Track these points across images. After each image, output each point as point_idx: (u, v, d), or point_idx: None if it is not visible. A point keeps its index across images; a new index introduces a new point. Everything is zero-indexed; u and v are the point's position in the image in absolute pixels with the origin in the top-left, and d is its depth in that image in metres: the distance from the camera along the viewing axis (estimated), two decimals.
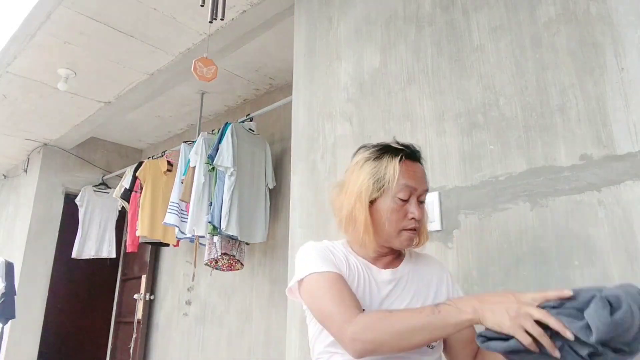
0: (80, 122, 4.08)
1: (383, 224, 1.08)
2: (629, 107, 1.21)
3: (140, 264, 4.52)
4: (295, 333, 1.82)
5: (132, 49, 3.00)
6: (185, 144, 3.48)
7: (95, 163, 4.82)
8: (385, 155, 1.11)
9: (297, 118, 2.11)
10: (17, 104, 3.75)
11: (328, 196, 1.05)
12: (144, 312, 4.24)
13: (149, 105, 4.05)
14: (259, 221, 3.13)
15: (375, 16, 1.90)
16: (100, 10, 2.63)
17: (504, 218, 1.36)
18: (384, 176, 1.08)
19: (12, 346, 4.07)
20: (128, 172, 4.01)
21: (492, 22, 1.53)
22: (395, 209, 1.07)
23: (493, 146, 1.44)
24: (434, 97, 1.62)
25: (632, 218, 1.15)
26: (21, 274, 4.19)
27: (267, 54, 3.29)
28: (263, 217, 3.16)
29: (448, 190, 1.51)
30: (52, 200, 4.52)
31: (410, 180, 1.08)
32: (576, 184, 1.25)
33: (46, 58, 3.09)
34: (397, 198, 1.07)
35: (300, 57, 2.18)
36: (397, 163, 1.08)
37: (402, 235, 1.09)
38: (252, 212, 3.10)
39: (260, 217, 3.14)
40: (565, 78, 1.34)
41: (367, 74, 1.85)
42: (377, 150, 1.13)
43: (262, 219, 3.15)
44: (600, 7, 1.31)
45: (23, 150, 4.72)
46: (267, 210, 3.20)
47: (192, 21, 2.72)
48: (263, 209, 3.17)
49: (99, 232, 4.46)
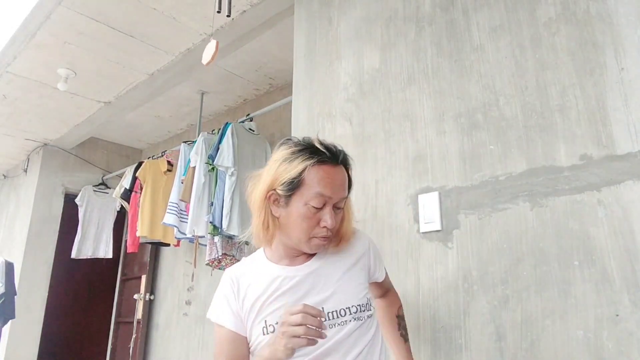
0: (80, 122, 4.08)
1: (292, 229, 1.04)
2: (629, 107, 1.21)
3: (140, 264, 4.52)
4: None
5: (132, 49, 3.00)
6: (185, 144, 3.48)
7: (95, 163, 4.82)
8: (299, 157, 1.03)
9: (297, 118, 2.11)
10: (17, 104, 3.75)
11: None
12: (144, 312, 4.24)
13: (149, 105, 4.05)
14: None
15: (375, 16, 1.90)
16: (100, 10, 2.63)
17: (504, 218, 1.36)
18: (294, 181, 1.01)
19: (12, 346, 4.07)
20: (128, 172, 4.01)
21: (492, 22, 1.53)
22: (307, 215, 1.02)
23: (493, 146, 1.44)
24: (434, 97, 1.62)
25: (632, 218, 1.15)
26: (21, 274, 4.19)
27: (267, 54, 3.29)
28: None
29: (448, 190, 1.51)
30: (52, 200, 4.52)
31: (325, 189, 1.01)
32: (576, 184, 1.25)
33: (46, 58, 3.09)
34: (309, 205, 1.02)
35: (300, 57, 2.18)
36: (310, 168, 1.02)
37: (312, 241, 1.05)
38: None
39: None
40: (565, 78, 1.34)
41: (367, 74, 1.85)
42: (294, 151, 1.05)
43: None
44: (600, 7, 1.31)
45: (23, 150, 4.72)
46: None
47: (192, 21, 2.72)
48: None
49: (97, 232, 4.46)
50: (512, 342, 1.28)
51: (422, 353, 1.44)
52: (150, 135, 4.80)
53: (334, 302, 1.06)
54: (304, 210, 1.02)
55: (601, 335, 1.14)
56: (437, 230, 1.50)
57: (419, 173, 1.59)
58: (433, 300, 1.45)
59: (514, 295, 1.30)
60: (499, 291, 1.33)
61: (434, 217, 1.51)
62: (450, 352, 1.38)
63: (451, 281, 1.43)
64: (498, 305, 1.32)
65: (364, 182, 1.74)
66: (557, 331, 1.21)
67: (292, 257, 1.11)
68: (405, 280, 1.53)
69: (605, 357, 1.13)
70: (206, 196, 3.08)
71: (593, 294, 1.17)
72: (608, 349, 1.13)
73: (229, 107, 4.11)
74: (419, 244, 1.53)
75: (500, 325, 1.31)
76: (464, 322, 1.37)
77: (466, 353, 1.35)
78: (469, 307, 1.38)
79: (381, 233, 1.64)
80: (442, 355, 1.40)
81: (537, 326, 1.24)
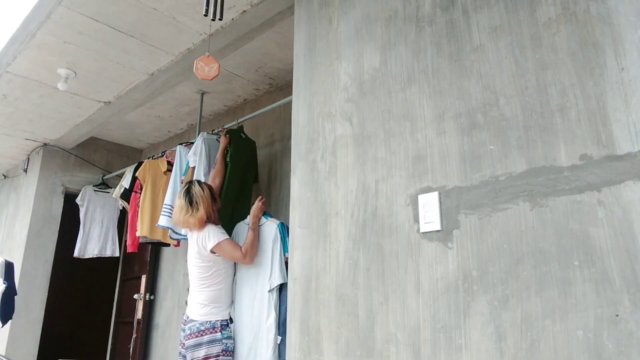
0: (80, 122, 4.08)
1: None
2: (629, 107, 1.21)
3: (140, 264, 4.52)
4: (295, 333, 1.82)
5: (132, 49, 3.00)
6: (181, 145, 3.48)
7: (95, 163, 4.82)
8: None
9: (297, 118, 2.11)
10: (17, 104, 3.75)
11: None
12: (144, 312, 4.24)
13: (149, 105, 4.05)
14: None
15: (375, 16, 1.90)
16: (100, 10, 2.63)
17: (504, 218, 1.36)
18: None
19: (12, 346, 4.07)
20: (128, 172, 4.01)
21: (492, 22, 1.53)
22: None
23: (493, 146, 1.44)
24: (434, 97, 1.62)
25: (632, 218, 1.15)
26: (21, 274, 4.19)
27: (267, 54, 3.29)
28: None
29: (448, 190, 1.51)
30: (52, 200, 4.52)
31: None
32: (576, 184, 1.25)
33: (46, 58, 3.10)
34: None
35: (300, 57, 2.18)
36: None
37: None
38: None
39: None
40: (565, 78, 1.34)
41: (367, 74, 1.85)
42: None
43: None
44: (600, 7, 1.31)
45: (23, 150, 4.72)
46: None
47: (192, 21, 2.72)
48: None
49: (102, 231, 4.46)
50: (512, 342, 1.28)
51: (422, 353, 1.44)
52: (150, 135, 4.80)
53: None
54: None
55: (601, 335, 1.14)
56: (437, 230, 1.50)
57: (419, 173, 1.59)
58: (433, 300, 1.46)
59: (514, 295, 1.30)
60: (499, 291, 1.33)
61: (434, 217, 1.51)
62: (450, 352, 1.38)
63: (451, 281, 1.43)
64: (498, 305, 1.32)
65: (364, 182, 1.74)
66: (557, 331, 1.21)
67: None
68: (405, 280, 1.53)
69: (605, 357, 1.13)
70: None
71: (593, 294, 1.17)
72: (608, 349, 1.13)
73: (229, 107, 4.11)
74: (419, 244, 1.53)
75: (500, 325, 1.31)
76: (464, 322, 1.38)
77: (466, 353, 1.35)
78: (469, 307, 1.38)
79: (381, 233, 1.64)
80: (442, 355, 1.40)
81: (537, 326, 1.24)
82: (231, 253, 2.57)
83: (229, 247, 2.57)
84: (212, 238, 2.55)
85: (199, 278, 2.60)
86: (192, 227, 2.62)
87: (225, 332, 2.53)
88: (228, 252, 2.57)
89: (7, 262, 3.41)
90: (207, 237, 2.56)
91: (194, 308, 2.58)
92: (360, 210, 1.72)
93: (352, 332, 1.63)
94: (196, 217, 2.58)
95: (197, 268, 2.61)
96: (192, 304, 2.61)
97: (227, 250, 2.56)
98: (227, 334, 2.53)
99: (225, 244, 2.56)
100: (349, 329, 1.64)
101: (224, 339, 2.51)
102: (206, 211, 2.60)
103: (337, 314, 1.69)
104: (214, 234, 2.57)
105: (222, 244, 2.55)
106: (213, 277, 2.59)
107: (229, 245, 2.57)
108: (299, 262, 1.89)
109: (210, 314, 2.54)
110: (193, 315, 2.57)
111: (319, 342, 1.72)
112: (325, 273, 1.77)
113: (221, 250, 2.56)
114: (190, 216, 2.59)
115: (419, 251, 1.53)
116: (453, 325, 1.40)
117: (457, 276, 1.42)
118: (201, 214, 2.58)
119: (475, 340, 1.34)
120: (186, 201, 2.61)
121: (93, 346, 4.67)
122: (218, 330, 2.51)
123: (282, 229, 2.61)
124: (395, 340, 1.51)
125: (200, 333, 2.50)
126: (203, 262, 2.59)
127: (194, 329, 2.52)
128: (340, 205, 1.80)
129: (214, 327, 2.52)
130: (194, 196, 2.61)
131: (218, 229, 2.63)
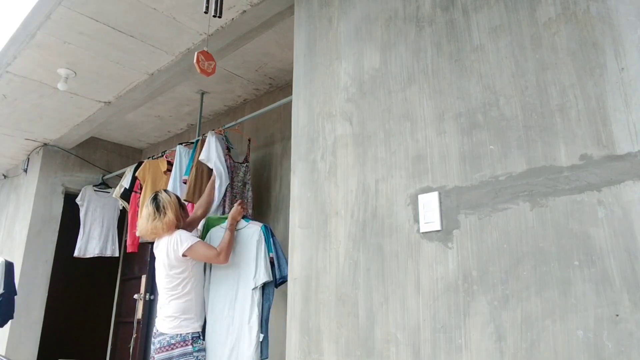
0: (80, 122, 4.08)
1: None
2: (629, 107, 1.21)
3: (140, 264, 4.52)
4: (295, 333, 1.82)
5: (132, 49, 3.00)
6: (181, 145, 3.48)
7: (95, 163, 4.83)
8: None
9: (297, 118, 2.11)
10: (17, 104, 3.75)
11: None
12: (144, 312, 4.24)
13: (149, 105, 4.05)
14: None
15: (375, 16, 1.90)
16: (100, 10, 2.63)
17: (504, 218, 1.36)
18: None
19: (12, 346, 4.07)
20: (128, 172, 4.01)
21: (492, 22, 1.53)
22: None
23: (493, 146, 1.44)
24: (434, 97, 1.62)
25: (632, 218, 1.15)
26: (21, 274, 4.19)
27: (267, 54, 3.29)
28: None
29: (448, 190, 1.51)
30: (52, 200, 4.52)
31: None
32: (576, 184, 1.25)
33: (46, 58, 3.10)
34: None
35: (300, 57, 2.18)
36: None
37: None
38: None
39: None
40: (565, 78, 1.34)
41: (367, 74, 1.85)
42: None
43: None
44: (600, 7, 1.31)
45: (23, 150, 4.72)
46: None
47: (192, 21, 2.72)
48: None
49: (102, 231, 4.47)
50: (512, 342, 1.28)
51: (422, 353, 1.44)
52: (150, 135, 4.80)
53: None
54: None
55: (601, 335, 1.14)
56: (437, 230, 1.50)
57: (419, 173, 1.59)
58: (433, 300, 1.46)
59: (514, 295, 1.30)
60: (499, 291, 1.33)
61: (434, 217, 1.51)
62: (450, 352, 1.38)
63: (451, 281, 1.43)
64: (498, 305, 1.32)
65: (364, 182, 1.74)
66: (557, 331, 1.21)
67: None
68: (405, 280, 1.53)
69: (605, 357, 1.13)
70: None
71: (593, 294, 1.17)
72: (608, 349, 1.13)
73: (229, 107, 4.11)
74: (419, 244, 1.53)
75: (500, 325, 1.31)
76: (464, 322, 1.38)
77: (466, 353, 1.35)
78: (469, 307, 1.38)
79: (381, 233, 1.64)
80: (442, 355, 1.40)
81: (537, 326, 1.24)
82: (205, 253, 2.53)
83: (202, 248, 2.53)
84: (184, 242, 2.50)
85: (168, 289, 2.52)
86: (161, 232, 2.56)
87: (196, 345, 2.45)
88: (202, 253, 2.53)
89: (7, 262, 3.42)
90: (178, 241, 2.50)
91: (164, 321, 2.50)
92: (360, 210, 1.72)
93: (352, 332, 1.63)
94: (164, 221, 2.54)
95: (165, 277, 2.53)
96: (162, 317, 2.53)
97: (201, 251, 2.52)
98: (199, 347, 2.46)
99: (198, 245, 2.52)
100: (349, 329, 1.64)
101: (194, 352, 2.44)
102: (175, 215, 2.57)
103: (337, 314, 1.69)
104: (185, 238, 2.52)
105: (195, 246, 2.50)
106: (181, 286, 2.51)
107: (201, 246, 2.54)
108: (299, 262, 1.89)
109: (180, 327, 2.46)
110: (163, 328, 2.49)
111: (319, 342, 1.72)
112: (325, 273, 1.77)
113: (194, 253, 2.51)
114: (158, 221, 2.54)
115: (419, 251, 1.53)
116: (453, 325, 1.40)
117: (457, 276, 1.42)
118: (169, 217, 2.55)
119: (475, 340, 1.34)
120: (153, 207, 2.58)
121: (93, 346, 4.67)
122: (189, 343, 2.44)
123: (266, 231, 2.68)
124: (395, 340, 1.51)
125: (171, 347, 2.42)
126: (172, 269, 2.51)
127: (164, 343, 2.44)
128: (340, 205, 1.80)
129: (184, 340, 2.44)
130: (161, 201, 2.59)
131: (189, 233, 2.59)
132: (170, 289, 2.51)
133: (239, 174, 3.21)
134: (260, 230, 2.69)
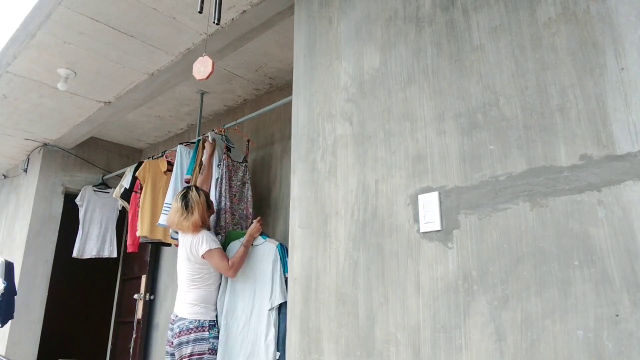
0: (80, 122, 4.08)
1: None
2: (629, 107, 1.21)
3: (140, 264, 4.52)
4: (295, 333, 1.82)
5: (132, 49, 3.00)
6: (182, 145, 3.48)
7: (95, 163, 4.83)
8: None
9: (297, 118, 2.11)
10: (17, 104, 3.75)
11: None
12: (144, 312, 4.24)
13: (149, 105, 4.05)
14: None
15: (375, 16, 1.90)
16: (100, 10, 2.63)
17: (504, 218, 1.36)
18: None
19: (12, 346, 4.07)
20: (128, 172, 4.01)
21: (492, 22, 1.53)
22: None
23: (493, 146, 1.44)
24: (434, 97, 1.62)
25: (632, 218, 1.15)
26: (21, 274, 4.19)
27: (267, 54, 3.29)
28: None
29: (448, 190, 1.51)
30: (52, 200, 4.52)
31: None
32: (576, 184, 1.25)
33: (46, 58, 3.10)
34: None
35: (300, 57, 2.18)
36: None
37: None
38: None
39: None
40: (565, 78, 1.34)
41: (367, 74, 1.85)
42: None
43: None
44: (600, 7, 1.31)
45: (23, 150, 4.72)
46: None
47: (192, 21, 2.72)
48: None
49: (100, 232, 4.47)
50: (512, 342, 1.28)
51: (422, 353, 1.44)
52: (150, 135, 4.80)
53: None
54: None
55: (601, 335, 1.14)
56: (437, 230, 1.50)
57: (419, 173, 1.59)
58: (433, 300, 1.46)
59: (514, 295, 1.30)
60: (499, 291, 1.33)
61: (434, 217, 1.51)
62: (450, 352, 1.38)
63: (451, 281, 1.43)
64: (498, 305, 1.32)
65: (364, 182, 1.74)
66: (557, 331, 1.21)
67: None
68: (405, 280, 1.53)
69: (605, 357, 1.13)
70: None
71: (593, 294, 1.17)
72: (608, 349, 1.13)
73: (229, 107, 4.11)
74: (419, 244, 1.53)
75: (500, 325, 1.31)
76: (464, 322, 1.38)
77: (466, 353, 1.35)
78: (469, 307, 1.38)
79: (381, 233, 1.64)
80: (442, 355, 1.40)
81: (537, 326, 1.24)
82: (218, 262, 2.64)
83: (217, 256, 2.64)
84: (205, 244, 2.63)
85: (191, 279, 2.68)
86: (186, 230, 2.70)
87: (212, 332, 2.62)
88: (216, 261, 2.65)
89: (7, 262, 3.41)
90: (200, 242, 2.64)
91: (183, 307, 2.66)
92: (360, 210, 1.72)
93: (352, 332, 1.63)
94: (190, 220, 2.67)
95: (188, 269, 2.69)
96: (181, 302, 2.68)
97: (216, 258, 2.64)
98: (214, 334, 2.63)
99: (216, 252, 2.65)
100: (349, 329, 1.64)
101: (211, 337, 2.60)
102: (200, 216, 2.69)
103: (337, 314, 1.69)
104: (207, 241, 2.65)
105: (213, 252, 2.64)
106: (204, 278, 2.69)
107: (218, 254, 2.65)
108: (299, 262, 1.89)
109: (199, 313, 2.62)
110: (182, 313, 2.64)
111: (319, 342, 1.72)
112: (325, 273, 1.77)
113: (211, 258, 2.64)
114: (185, 219, 2.67)
115: (419, 251, 1.53)
116: (453, 325, 1.40)
117: (457, 276, 1.42)
118: (195, 218, 2.67)
119: (475, 340, 1.34)
120: (182, 204, 2.70)
121: (93, 346, 4.67)
122: (206, 329, 2.60)
123: (282, 250, 2.69)
124: (395, 340, 1.51)
125: (189, 331, 2.58)
126: (195, 264, 2.67)
127: (184, 327, 2.58)
128: (340, 205, 1.80)
129: (202, 325, 2.60)
130: (190, 200, 2.70)
131: (212, 236, 2.71)
132: (192, 280, 2.68)
133: (238, 173, 3.21)
134: (276, 249, 2.70)
